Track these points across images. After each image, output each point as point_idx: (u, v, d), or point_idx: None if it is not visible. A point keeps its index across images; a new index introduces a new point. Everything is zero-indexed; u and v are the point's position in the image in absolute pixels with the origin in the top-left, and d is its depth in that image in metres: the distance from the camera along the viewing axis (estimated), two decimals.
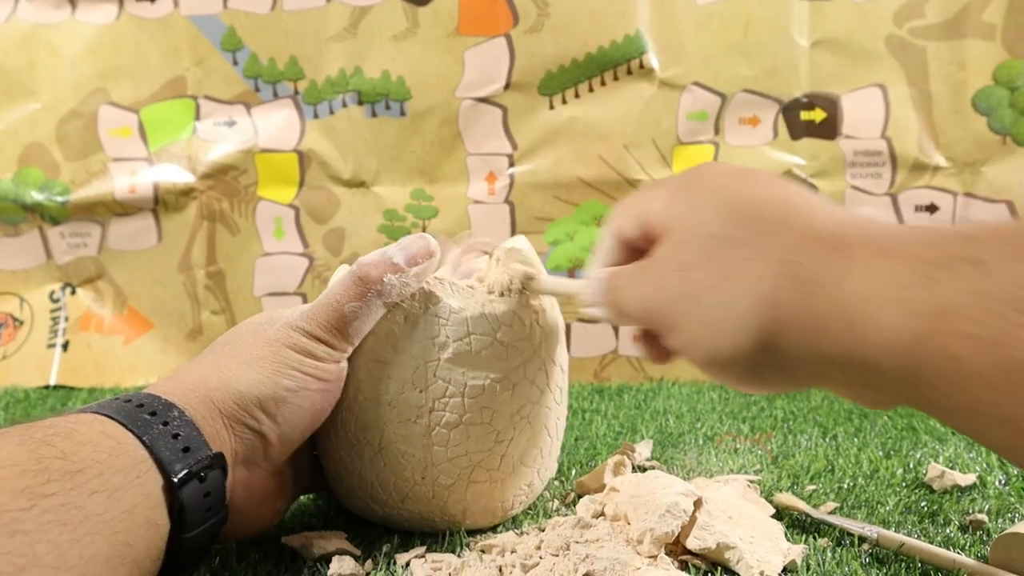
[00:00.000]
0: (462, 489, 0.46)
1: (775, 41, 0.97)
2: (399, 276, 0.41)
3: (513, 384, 0.46)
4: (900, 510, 0.52)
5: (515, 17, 0.98)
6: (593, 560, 0.41)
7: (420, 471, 0.45)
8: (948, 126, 0.97)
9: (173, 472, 0.33)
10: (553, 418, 0.50)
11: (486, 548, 0.45)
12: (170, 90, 1.01)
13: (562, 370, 0.50)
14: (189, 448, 0.35)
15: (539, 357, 0.47)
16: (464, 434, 0.45)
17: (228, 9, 0.99)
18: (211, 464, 0.35)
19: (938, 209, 0.98)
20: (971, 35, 0.95)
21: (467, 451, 0.45)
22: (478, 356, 0.44)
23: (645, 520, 0.43)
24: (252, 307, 1.02)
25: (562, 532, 0.44)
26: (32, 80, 1.00)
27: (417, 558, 0.44)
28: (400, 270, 0.41)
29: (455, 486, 0.46)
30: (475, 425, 0.45)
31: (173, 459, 0.34)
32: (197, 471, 0.34)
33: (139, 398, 0.35)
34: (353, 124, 1.00)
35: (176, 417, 0.35)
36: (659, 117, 0.98)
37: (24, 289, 1.03)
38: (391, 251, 0.42)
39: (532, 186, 1.00)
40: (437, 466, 0.45)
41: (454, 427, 0.45)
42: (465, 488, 0.46)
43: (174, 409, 0.35)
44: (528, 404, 0.47)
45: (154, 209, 1.02)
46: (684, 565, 0.44)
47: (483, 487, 0.47)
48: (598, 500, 0.49)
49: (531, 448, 0.48)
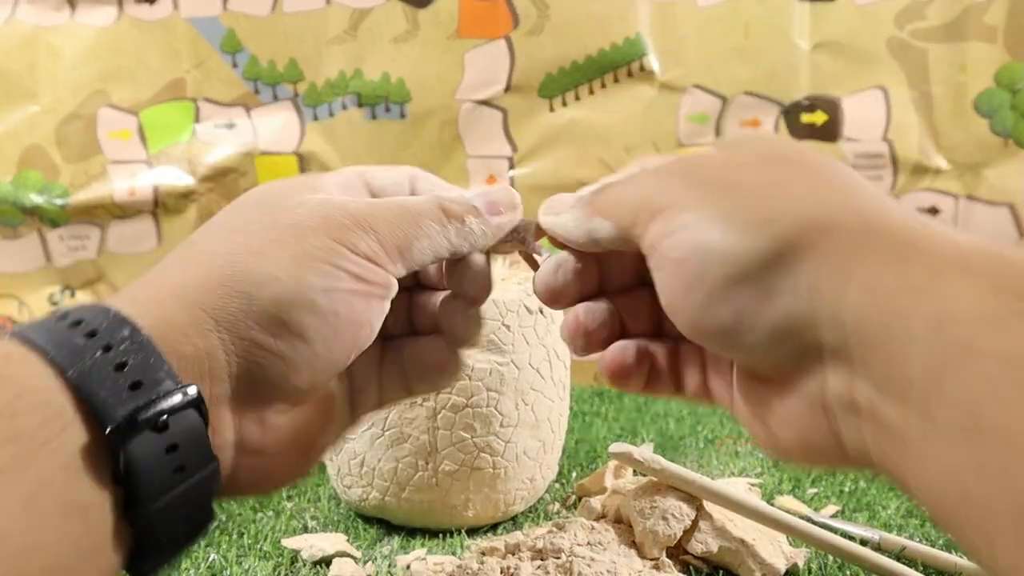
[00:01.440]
0: (465, 476, 0.47)
1: (776, 43, 0.97)
2: (479, 221, 0.33)
3: (518, 369, 0.47)
4: (902, 513, 0.52)
5: (515, 19, 0.98)
6: (594, 563, 0.40)
7: (424, 455, 0.46)
8: (949, 129, 0.96)
9: (109, 419, 0.23)
10: (556, 412, 0.51)
11: (487, 550, 0.45)
12: (170, 92, 1.01)
13: (564, 365, 0.52)
14: (141, 383, 0.24)
15: (543, 346, 0.49)
16: (469, 417, 0.46)
17: (228, 11, 0.99)
18: (176, 405, 0.24)
19: (940, 212, 0.98)
20: (972, 37, 0.95)
21: (471, 435, 0.47)
22: (486, 340, 0.46)
23: (646, 523, 0.43)
24: None
25: (563, 535, 0.44)
26: (32, 82, 1.00)
27: (418, 560, 0.44)
28: (480, 216, 0.33)
29: (458, 472, 0.47)
30: (480, 408, 0.46)
31: (112, 401, 0.23)
32: (151, 416, 0.23)
33: (79, 312, 0.25)
34: (353, 126, 1.00)
35: (126, 338, 0.24)
36: (660, 120, 0.98)
37: (23, 292, 1.02)
38: (469, 195, 0.34)
39: (532, 188, 0.99)
40: (441, 451, 0.46)
41: (459, 410, 0.46)
42: (468, 476, 0.47)
43: (125, 326, 0.24)
44: (531, 392, 0.48)
45: (154, 212, 1.01)
46: (685, 568, 0.44)
47: (486, 475, 0.48)
48: (599, 503, 0.49)
49: (533, 439, 0.49)
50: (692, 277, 0.25)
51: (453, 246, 0.32)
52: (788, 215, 0.24)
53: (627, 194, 0.28)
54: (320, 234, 0.28)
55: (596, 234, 0.29)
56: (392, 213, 0.31)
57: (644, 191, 0.28)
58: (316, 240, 0.28)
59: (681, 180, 0.27)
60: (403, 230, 0.30)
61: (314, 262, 0.28)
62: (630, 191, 0.28)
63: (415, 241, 0.31)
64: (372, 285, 0.29)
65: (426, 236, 0.31)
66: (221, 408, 0.27)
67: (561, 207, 0.32)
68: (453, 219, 0.32)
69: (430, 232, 0.31)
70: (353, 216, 0.29)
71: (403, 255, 0.30)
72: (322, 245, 0.28)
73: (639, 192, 0.28)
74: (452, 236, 0.32)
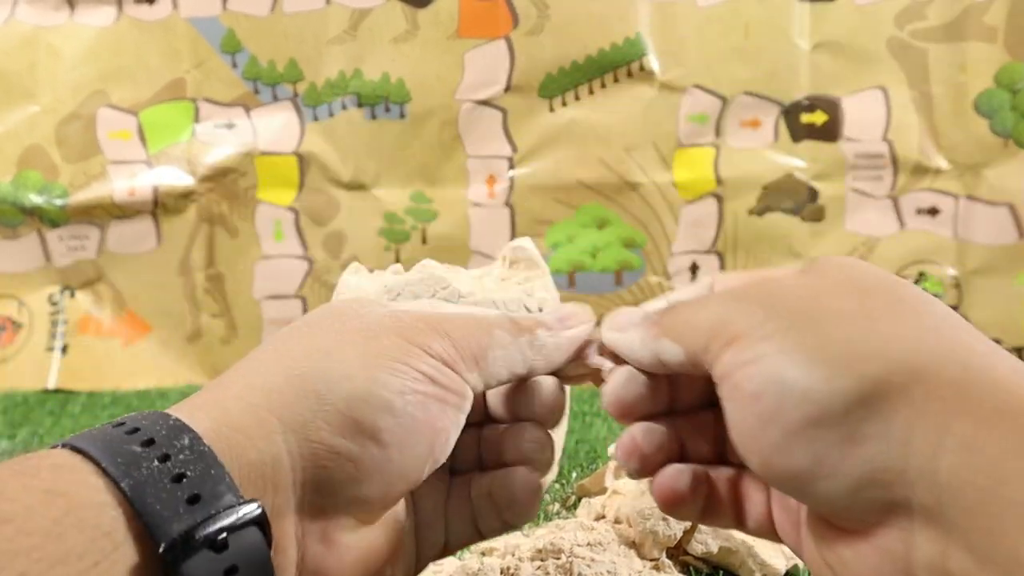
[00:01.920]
0: None
1: (776, 44, 0.97)
2: (551, 334, 0.31)
3: None
4: None
5: (515, 19, 0.97)
6: (594, 563, 0.40)
7: None
8: (949, 129, 0.96)
9: (164, 536, 0.21)
10: None
11: (486, 551, 0.44)
12: (169, 92, 1.01)
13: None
14: (199, 497, 0.22)
15: None
16: None
17: (228, 11, 0.99)
18: (237, 522, 0.22)
19: (939, 212, 0.98)
20: (973, 37, 0.95)
21: None
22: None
23: (647, 523, 0.43)
24: (251, 310, 1.02)
25: (563, 535, 0.44)
26: (32, 82, 1.00)
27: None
28: (551, 329, 0.31)
29: None
30: None
31: (168, 515, 0.21)
32: (210, 534, 0.21)
33: (136, 419, 0.23)
34: (353, 126, 1.00)
35: (185, 447, 0.22)
36: (659, 120, 0.98)
37: (23, 292, 1.02)
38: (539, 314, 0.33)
39: (532, 189, 1.00)
40: None
41: None
42: None
43: (184, 434, 0.23)
44: None
45: (153, 212, 1.01)
46: (685, 568, 0.43)
47: None
48: (599, 503, 0.49)
49: None
50: (768, 414, 0.23)
51: (527, 359, 0.30)
52: (879, 355, 0.22)
53: (700, 317, 0.26)
54: (392, 335, 0.27)
55: (664, 356, 0.27)
56: (464, 320, 0.29)
57: (718, 315, 0.25)
58: (388, 340, 0.27)
59: (759, 306, 0.25)
60: (476, 338, 0.29)
61: (388, 361, 0.26)
62: (703, 314, 0.26)
63: (489, 350, 0.29)
64: (448, 391, 0.28)
65: (499, 346, 0.29)
66: (285, 521, 0.24)
67: (626, 323, 0.29)
68: (524, 331, 0.30)
69: (503, 342, 0.30)
70: (426, 320, 0.29)
71: (478, 363, 0.29)
72: (395, 346, 0.27)
73: (713, 316, 0.25)
74: (525, 348, 0.30)
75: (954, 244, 0.98)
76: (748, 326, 0.24)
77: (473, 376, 0.29)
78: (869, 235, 0.99)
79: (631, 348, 0.29)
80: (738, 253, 1.00)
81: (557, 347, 0.31)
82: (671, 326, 0.27)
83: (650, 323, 0.28)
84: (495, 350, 0.29)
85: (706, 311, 0.26)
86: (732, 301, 0.26)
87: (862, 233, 0.99)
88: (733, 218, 0.99)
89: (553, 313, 0.32)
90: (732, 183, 0.99)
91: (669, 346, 0.27)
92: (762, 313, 0.24)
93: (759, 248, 1.00)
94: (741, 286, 0.27)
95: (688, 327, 0.26)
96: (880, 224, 0.99)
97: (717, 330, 0.25)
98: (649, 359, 0.28)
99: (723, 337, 0.25)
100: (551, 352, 0.31)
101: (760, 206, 0.99)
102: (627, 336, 0.29)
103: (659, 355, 0.27)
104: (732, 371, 0.24)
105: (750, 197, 0.99)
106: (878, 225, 0.99)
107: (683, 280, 1.00)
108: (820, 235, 0.99)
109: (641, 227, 1.00)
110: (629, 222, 1.00)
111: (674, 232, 1.00)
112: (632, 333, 0.29)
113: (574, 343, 0.31)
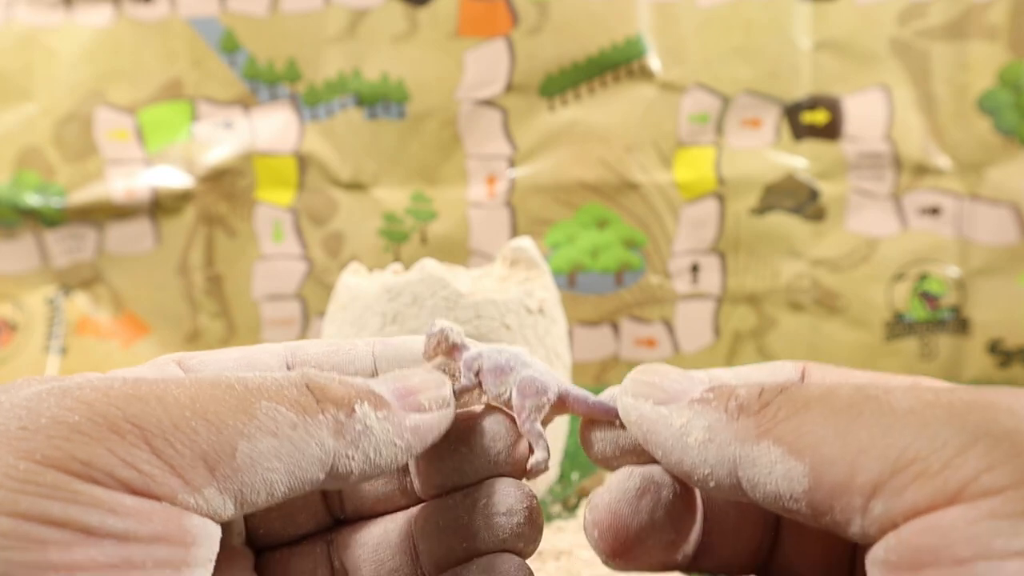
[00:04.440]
0: None
1: (777, 43, 0.97)
2: (383, 416, 0.20)
3: None
4: None
5: (515, 18, 0.97)
6: (595, 565, 0.40)
7: None
8: (952, 128, 0.96)
9: None
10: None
11: None
12: (167, 92, 1.00)
13: (564, 366, 0.51)
14: None
15: (544, 347, 0.48)
16: None
17: (226, 11, 0.99)
18: None
19: (942, 211, 0.97)
20: (975, 36, 0.94)
21: None
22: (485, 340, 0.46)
23: None
24: (250, 311, 1.01)
25: (564, 537, 0.43)
26: (28, 82, 1.00)
27: None
28: (386, 407, 0.21)
29: None
30: None
31: None
32: None
33: None
34: (352, 126, 1.00)
35: None
36: (660, 119, 0.98)
37: (20, 293, 1.02)
38: (363, 381, 0.21)
39: (532, 189, 0.99)
40: None
41: None
42: None
43: None
44: None
45: (151, 212, 1.01)
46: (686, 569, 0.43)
47: None
48: None
49: None
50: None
51: (329, 458, 0.18)
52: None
53: (869, 433, 0.16)
54: (27, 443, 0.15)
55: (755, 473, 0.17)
56: (199, 392, 0.17)
57: (903, 439, 0.16)
58: (9, 458, 0.15)
59: (987, 439, 0.15)
60: (218, 423, 0.17)
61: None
62: (868, 432, 0.16)
63: (242, 442, 0.17)
64: (140, 545, 0.16)
65: (268, 432, 0.17)
66: None
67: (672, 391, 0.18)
68: (329, 405, 0.18)
69: (276, 425, 0.17)
70: (110, 401, 0.16)
71: (215, 469, 0.17)
72: (20, 473, 0.15)
73: (892, 438, 0.16)
74: (326, 438, 0.18)
75: (957, 244, 0.98)
76: (972, 469, 0.15)
77: (207, 495, 0.17)
78: (871, 234, 0.99)
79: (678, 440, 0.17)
80: (739, 253, 1.00)
81: (389, 443, 0.19)
82: (792, 430, 0.17)
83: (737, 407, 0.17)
84: (258, 440, 0.17)
85: (879, 425, 0.16)
86: (928, 422, 0.16)
87: (864, 232, 0.99)
88: (734, 218, 0.99)
89: (390, 380, 0.20)
90: (733, 183, 0.98)
91: (778, 458, 0.16)
92: (1000, 453, 0.15)
93: (760, 248, 0.99)
94: (938, 400, 0.17)
95: (839, 439, 0.16)
96: (882, 223, 0.98)
97: (899, 462, 0.16)
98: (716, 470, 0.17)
99: (912, 474, 0.16)
100: (381, 447, 0.19)
101: (761, 206, 0.99)
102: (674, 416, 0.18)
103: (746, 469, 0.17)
104: (930, 540, 0.15)
105: (751, 197, 0.99)
106: (880, 224, 0.98)
107: (683, 280, 1.00)
108: (822, 235, 0.99)
109: (641, 227, 0.99)
110: (629, 222, 0.99)
111: (675, 232, 0.99)
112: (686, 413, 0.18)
113: (424, 438, 0.20)
